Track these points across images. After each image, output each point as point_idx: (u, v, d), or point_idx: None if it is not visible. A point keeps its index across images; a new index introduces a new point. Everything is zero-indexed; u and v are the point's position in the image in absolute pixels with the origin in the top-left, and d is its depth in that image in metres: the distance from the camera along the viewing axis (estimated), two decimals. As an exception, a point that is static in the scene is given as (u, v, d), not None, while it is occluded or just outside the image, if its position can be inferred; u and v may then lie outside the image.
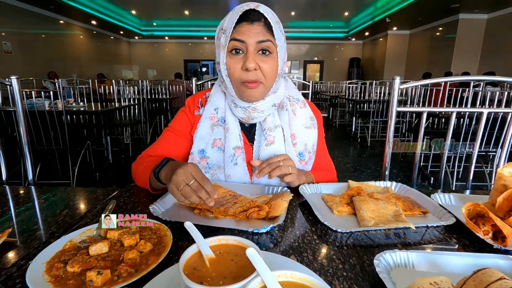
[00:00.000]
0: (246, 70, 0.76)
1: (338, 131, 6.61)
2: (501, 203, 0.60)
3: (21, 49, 7.31)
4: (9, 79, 1.04)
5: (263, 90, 0.81)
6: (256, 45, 0.76)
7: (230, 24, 0.75)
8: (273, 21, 0.76)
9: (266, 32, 0.76)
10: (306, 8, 9.21)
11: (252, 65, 0.75)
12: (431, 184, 3.20)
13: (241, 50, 0.77)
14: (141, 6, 9.47)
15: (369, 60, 13.09)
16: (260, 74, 0.78)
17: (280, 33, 0.78)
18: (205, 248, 0.41)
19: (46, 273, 0.44)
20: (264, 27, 0.76)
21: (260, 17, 0.76)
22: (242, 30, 0.75)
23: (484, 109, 1.08)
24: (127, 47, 13.70)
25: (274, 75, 0.80)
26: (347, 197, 0.74)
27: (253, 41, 0.75)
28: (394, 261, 0.48)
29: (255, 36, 0.75)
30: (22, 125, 1.05)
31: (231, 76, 0.79)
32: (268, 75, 0.78)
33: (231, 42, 0.76)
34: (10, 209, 0.72)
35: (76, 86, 4.25)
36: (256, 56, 0.76)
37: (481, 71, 8.09)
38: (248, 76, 0.77)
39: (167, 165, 0.72)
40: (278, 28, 0.77)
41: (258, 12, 0.75)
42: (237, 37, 0.75)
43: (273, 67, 0.79)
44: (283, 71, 0.84)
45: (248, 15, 0.75)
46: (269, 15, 0.76)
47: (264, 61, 0.77)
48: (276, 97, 0.85)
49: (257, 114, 0.85)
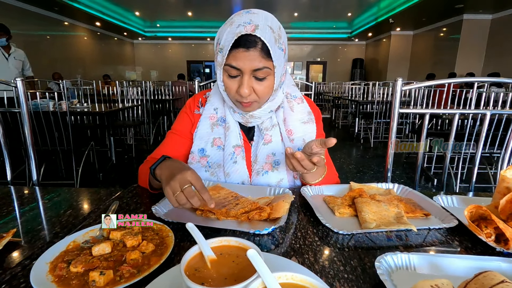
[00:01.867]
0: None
1: (341, 132, 6.59)
2: (504, 205, 0.60)
3: (26, 51, 7.29)
4: (15, 81, 1.05)
5: (257, 106, 0.82)
6: (252, 72, 0.74)
7: (226, 45, 0.72)
8: (271, 42, 0.72)
9: (263, 58, 0.72)
10: (309, 9, 9.21)
11: (246, 91, 0.74)
12: (435, 185, 3.18)
13: (237, 74, 0.75)
14: (145, 7, 9.53)
15: (372, 61, 13.05)
16: (254, 96, 0.78)
17: (279, 51, 0.75)
18: (207, 249, 0.41)
19: (50, 273, 0.45)
20: (261, 52, 0.72)
21: (257, 42, 0.71)
22: (238, 57, 0.72)
23: (488, 110, 1.08)
24: (131, 48, 13.79)
25: (269, 93, 0.80)
26: (349, 199, 0.74)
27: (248, 68, 0.73)
28: (396, 263, 0.48)
29: (250, 63, 0.72)
30: (26, 126, 1.06)
31: (228, 92, 0.80)
32: (263, 95, 0.78)
33: (226, 67, 0.74)
34: (15, 209, 0.73)
35: (80, 87, 4.28)
36: (250, 80, 0.75)
37: (485, 71, 8.03)
38: (242, 99, 0.78)
39: (164, 163, 0.70)
40: (277, 46, 0.74)
41: (255, 36, 0.70)
42: (233, 64, 0.73)
43: (268, 88, 0.78)
44: (281, 83, 0.83)
45: (245, 41, 0.71)
46: (267, 36, 0.71)
47: (260, 84, 0.76)
48: (273, 104, 0.86)
49: (255, 120, 0.87)
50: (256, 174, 0.87)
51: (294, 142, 0.89)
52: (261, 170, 0.87)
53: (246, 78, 0.74)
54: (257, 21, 0.72)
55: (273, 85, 0.78)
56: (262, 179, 0.86)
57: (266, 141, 0.88)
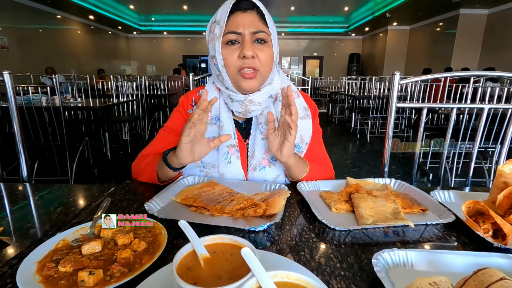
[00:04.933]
0: (243, 57, 0.76)
1: (337, 127, 6.60)
2: (501, 200, 0.60)
3: (18, 44, 7.24)
4: (2, 74, 1.02)
5: (261, 80, 0.81)
6: (252, 35, 0.76)
7: (223, 15, 0.75)
8: (265, 11, 0.78)
9: (260, 22, 0.77)
10: (306, 3, 9.14)
11: (249, 53, 0.75)
12: (430, 180, 3.20)
13: (237, 41, 0.77)
14: (139, 1, 9.38)
15: (369, 55, 13.03)
16: (258, 62, 0.78)
17: (272, 23, 0.80)
18: (200, 248, 0.40)
19: (38, 273, 0.43)
20: (258, 16, 0.77)
21: (253, 6, 0.77)
22: (237, 21, 0.76)
23: (485, 105, 1.07)
24: (126, 43, 13.60)
25: (270, 64, 0.80)
26: (346, 195, 0.73)
27: (249, 32, 0.76)
28: (393, 260, 0.47)
29: (250, 26, 0.76)
30: (15, 122, 1.03)
31: (227, 66, 0.78)
32: (265, 64, 0.79)
33: (227, 35, 0.76)
34: (5, 206, 0.71)
35: (74, 82, 4.22)
36: (252, 45, 0.77)
37: (481, 66, 8.06)
38: (245, 63, 0.77)
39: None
40: (269, 18, 0.79)
41: (250, 1, 0.76)
42: (233, 30, 0.76)
43: (269, 55, 0.79)
44: (277, 61, 0.84)
45: (240, 5, 0.76)
46: (261, 5, 0.77)
47: (261, 50, 0.78)
48: (271, 88, 0.85)
49: (254, 107, 0.84)
50: (253, 170, 0.85)
51: None
52: (258, 166, 0.85)
53: (248, 40, 0.76)
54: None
55: (273, 56, 0.80)
56: (259, 174, 0.85)
57: (264, 135, 0.86)
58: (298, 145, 0.88)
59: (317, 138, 0.94)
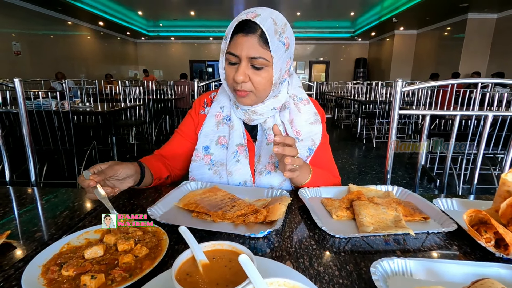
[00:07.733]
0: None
1: (343, 132, 6.56)
2: (504, 209, 0.59)
3: (30, 50, 7.44)
4: (13, 81, 1.05)
5: (254, 99, 0.82)
6: (249, 60, 0.75)
7: (229, 33, 0.76)
8: (270, 32, 0.73)
9: (260, 47, 0.73)
10: (312, 8, 9.18)
11: (240, 78, 0.76)
12: (437, 186, 3.15)
13: (236, 62, 0.77)
14: (148, 7, 9.56)
15: (376, 60, 12.98)
16: (250, 86, 0.78)
17: (278, 44, 0.75)
18: (199, 254, 0.41)
19: (42, 276, 0.45)
20: (259, 40, 0.73)
21: (257, 28, 0.73)
22: (237, 43, 0.75)
23: (489, 112, 1.06)
24: (134, 48, 13.84)
25: (268, 85, 0.79)
26: (347, 202, 0.73)
27: (245, 56, 0.74)
28: (392, 269, 0.47)
29: (247, 50, 0.74)
30: (25, 126, 1.06)
31: (226, 80, 0.82)
32: (259, 87, 0.78)
33: (227, 55, 0.77)
34: (14, 210, 0.73)
35: (83, 87, 4.30)
36: (248, 69, 0.76)
37: (490, 71, 7.95)
38: (237, 87, 0.79)
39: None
40: (276, 38, 0.74)
41: (255, 23, 0.72)
42: (232, 51, 0.76)
43: (266, 79, 0.78)
44: (283, 79, 0.83)
45: (244, 26, 0.73)
46: (267, 25, 0.72)
47: (256, 74, 0.77)
48: (276, 101, 0.86)
49: (257, 116, 0.86)
50: (259, 174, 0.86)
51: (304, 143, 0.89)
52: (264, 170, 0.86)
53: (243, 64, 0.76)
54: (261, 12, 0.74)
55: (272, 78, 0.78)
56: (265, 179, 0.86)
57: (269, 140, 0.87)
58: (311, 148, 0.90)
59: (324, 143, 0.95)
